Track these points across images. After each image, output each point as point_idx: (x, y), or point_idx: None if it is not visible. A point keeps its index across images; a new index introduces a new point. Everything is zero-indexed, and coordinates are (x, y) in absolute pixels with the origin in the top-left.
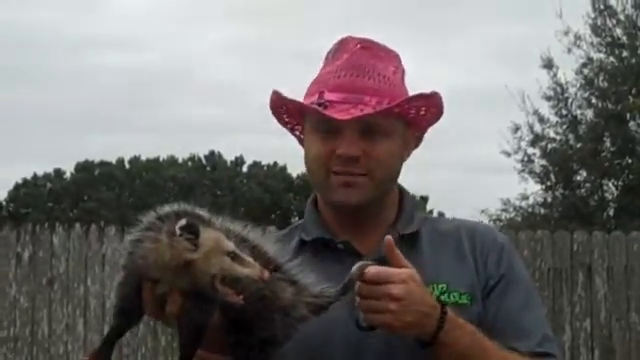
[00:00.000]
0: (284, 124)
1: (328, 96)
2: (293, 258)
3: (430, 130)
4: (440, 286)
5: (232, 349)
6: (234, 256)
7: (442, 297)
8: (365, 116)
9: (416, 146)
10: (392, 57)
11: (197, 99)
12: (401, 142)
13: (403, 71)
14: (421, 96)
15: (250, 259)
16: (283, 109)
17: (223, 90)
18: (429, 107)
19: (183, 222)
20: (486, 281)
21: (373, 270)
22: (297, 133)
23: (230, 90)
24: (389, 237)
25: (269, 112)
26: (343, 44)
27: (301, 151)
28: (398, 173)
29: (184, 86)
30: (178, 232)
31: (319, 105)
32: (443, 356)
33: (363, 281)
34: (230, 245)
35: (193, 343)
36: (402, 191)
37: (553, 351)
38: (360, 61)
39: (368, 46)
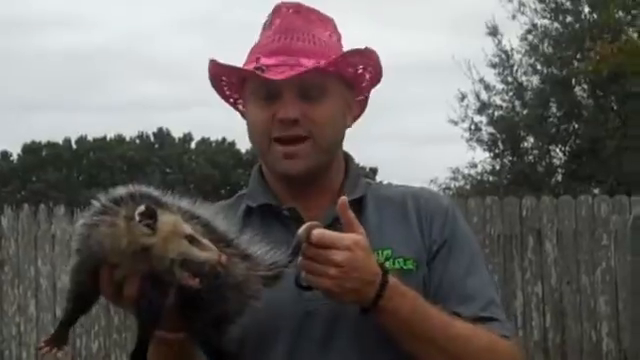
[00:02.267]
0: (225, 98)
1: (265, 61)
2: (242, 228)
3: (377, 101)
4: (385, 252)
5: (187, 327)
6: (192, 239)
7: (387, 263)
8: (301, 74)
9: (362, 111)
10: (327, 21)
11: (144, 76)
12: (342, 104)
13: (339, 36)
14: (356, 52)
15: (207, 242)
16: (224, 80)
17: (169, 66)
18: (366, 65)
19: (142, 208)
20: (430, 246)
21: (317, 233)
22: (240, 107)
23: (176, 66)
24: (343, 198)
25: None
26: (276, 10)
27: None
28: (342, 136)
29: (129, 64)
30: (137, 218)
31: (256, 70)
32: (385, 323)
33: (309, 243)
34: (188, 228)
35: (151, 325)
36: (347, 157)
37: (497, 315)
38: (294, 24)
39: (301, 10)
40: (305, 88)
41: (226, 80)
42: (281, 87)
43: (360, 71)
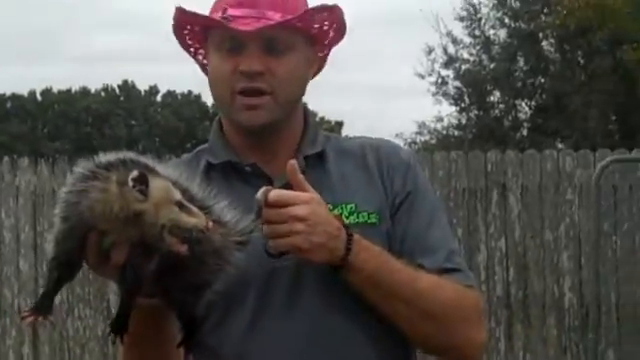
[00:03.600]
0: (186, 47)
1: (231, 11)
2: (204, 184)
3: (344, 54)
4: (349, 206)
5: (166, 294)
6: (181, 205)
7: (351, 217)
8: (268, 27)
9: (320, 68)
10: None
11: (109, 29)
12: (304, 60)
13: None
14: (324, 8)
15: (195, 208)
16: (187, 29)
17: (135, 17)
18: (332, 22)
19: (135, 173)
20: (393, 199)
21: (274, 194)
22: (200, 58)
23: (142, 17)
24: (291, 162)
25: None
26: None
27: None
28: (303, 92)
29: (94, 15)
30: (130, 183)
31: (222, 19)
32: (353, 280)
33: (268, 206)
34: (177, 194)
35: (135, 291)
36: (306, 110)
37: (460, 266)
38: None
39: None
40: (270, 42)
41: (189, 29)
42: (246, 39)
43: (325, 28)
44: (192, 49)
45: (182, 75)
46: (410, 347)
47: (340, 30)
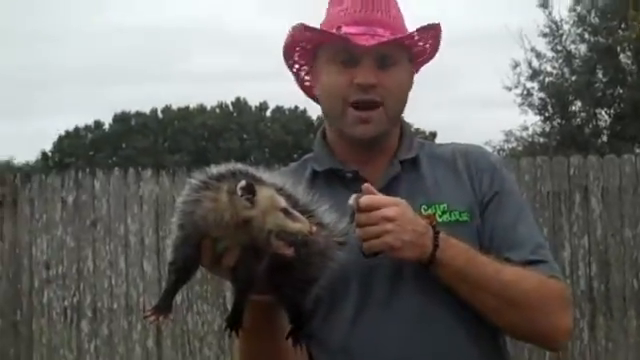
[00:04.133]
0: (291, 65)
1: (346, 29)
2: (309, 190)
3: (437, 70)
4: (442, 206)
5: (276, 290)
6: (286, 212)
7: (444, 216)
8: (385, 43)
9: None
10: None
11: (221, 50)
12: (408, 74)
13: (402, 13)
14: (429, 27)
15: (298, 214)
16: (300, 45)
17: (247, 40)
18: (433, 39)
19: (243, 183)
20: (482, 199)
21: (365, 199)
22: (302, 74)
23: (254, 39)
24: (365, 184)
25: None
26: None
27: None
28: (405, 105)
29: (208, 38)
30: (239, 192)
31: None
32: (442, 274)
33: (360, 210)
34: (282, 202)
35: (247, 289)
36: (402, 121)
37: (545, 257)
38: None
39: None
40: (382, 57)
41: (301, 46)
42: (361, 54)
43: (427, 45)
44: (297, 66)
45: (289, 92)
46: (502, 338)
47: (435, 48)
